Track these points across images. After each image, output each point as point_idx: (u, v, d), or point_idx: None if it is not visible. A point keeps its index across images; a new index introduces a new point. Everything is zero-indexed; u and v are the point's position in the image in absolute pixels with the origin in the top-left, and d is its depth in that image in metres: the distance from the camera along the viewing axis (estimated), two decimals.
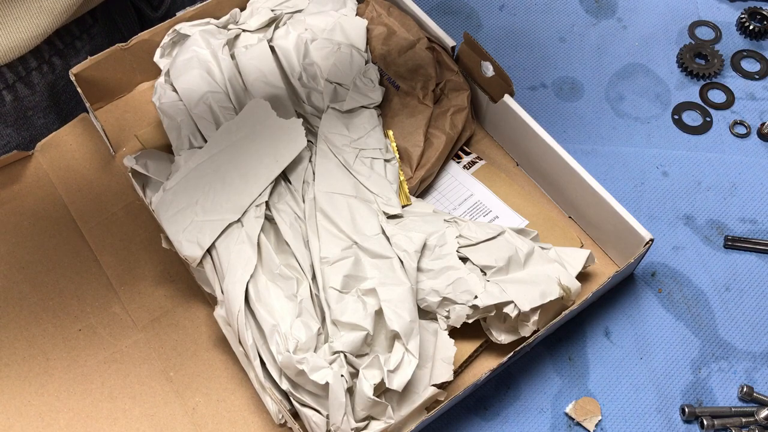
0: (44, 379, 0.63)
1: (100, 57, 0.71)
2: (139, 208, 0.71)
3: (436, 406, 0.58)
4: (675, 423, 0.64)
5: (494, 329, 0.63)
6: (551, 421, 0.64)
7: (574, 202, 0.70)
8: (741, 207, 0.75)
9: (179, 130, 0.69)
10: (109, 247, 0.69)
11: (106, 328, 0.66)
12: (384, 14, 0.77)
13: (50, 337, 0.65)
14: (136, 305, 0.67)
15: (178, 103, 0.70)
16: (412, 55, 0.74)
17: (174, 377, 0.64)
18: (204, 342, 0.65)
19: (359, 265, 0.61)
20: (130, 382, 0.64)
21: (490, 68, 0.71)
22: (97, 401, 0.63)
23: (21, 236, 0.70)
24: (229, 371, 0.64)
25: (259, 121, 0.67)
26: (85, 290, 0.67)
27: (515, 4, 0.89)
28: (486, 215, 0.70)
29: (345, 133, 0.68)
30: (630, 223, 0.64)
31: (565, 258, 0.65)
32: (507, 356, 0.60)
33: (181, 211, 0.63)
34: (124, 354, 0.65)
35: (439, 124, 0.71)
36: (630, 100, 0.82)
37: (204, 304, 0.67)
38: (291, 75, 0.72)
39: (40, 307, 0.67)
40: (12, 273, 0.68)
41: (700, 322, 0.69)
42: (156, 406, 0.63)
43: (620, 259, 0.69)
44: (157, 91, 0.72)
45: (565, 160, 0.68)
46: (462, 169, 0.73)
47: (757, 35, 0.86)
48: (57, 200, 0.72)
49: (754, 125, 0.80)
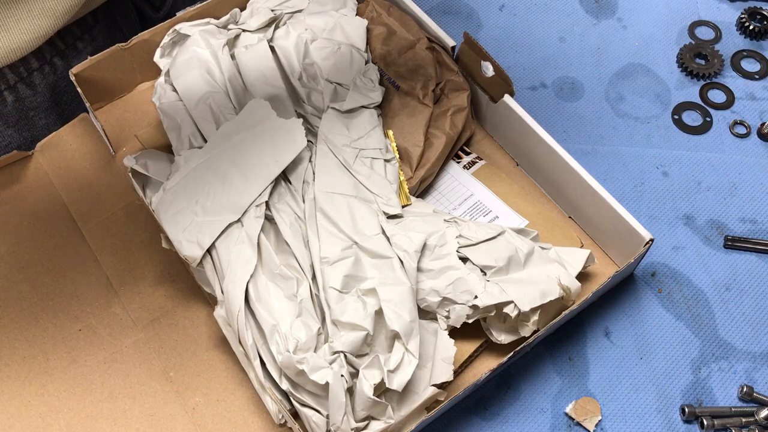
0: (44, 379, 0.63)
1: (100, 57, 0.71)
2: (139, 208, 0.71)
3: (436, 406, 0.58)
4: (675, 423, 0.64)
5: (494, 329, 0.63)
6: (551, 421, 0.64)
7: (574, 202, 0.70)
8: (741, 207, 0.75)
9: (179, 130, 0.69)
10: (109, 247, 0.69)
11: (106, 328, 0.66)
12: (384, 14, 0.77)
13: (50, 337, 0.65)
14: (136, 305, 0.67)
15: (178, 103, 0.70)
16: (412, 55, 0.74)
17: (174, 377, 0.64)
18: (204, 342, 0.65)
19: (359, 265, 0.61)
20: (130, 382, 0.64)
21: (490, 68, 0.71)
22: (97, 401, 0.63)
23: (21, 236, 0.70)
24: (229, 371, 0.64)
25: (259, 121, 0.67)
26: (85, 290, 0.67)
27: (515, 4, 0.89)
28: (486, 215, 0.70)
29: (345, 133, 0.68)
30: (630, 223, 0.64)
31: (565, 258, 0.65)
32: (507, 356, 0.60)
33: (181, 211, 0.63)
34: (124, 354, 0.65)
35: (439, 124, 0.71)
36: (630, 100, 0.82)
37: (204, 304, 0.67)
38: (291, 75, 0.72)
39: (40, 307, 0.67)
40: (12, 273, 0.68)
41: (700, 322, 0.69)
42: (156, 406, 0.63)
43: (620, 259, 0.69)
44: (157, 91, 0.72)
45: (565, 160, 0.68)
46: (462, 169, 0.73)
47: (757, 35, 0.86)
48: (57, 200, 0.72)
49: (754, 125, 0.80)
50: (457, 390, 0.60)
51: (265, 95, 0.70)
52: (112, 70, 0.74)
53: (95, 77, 0.73)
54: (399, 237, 0.62)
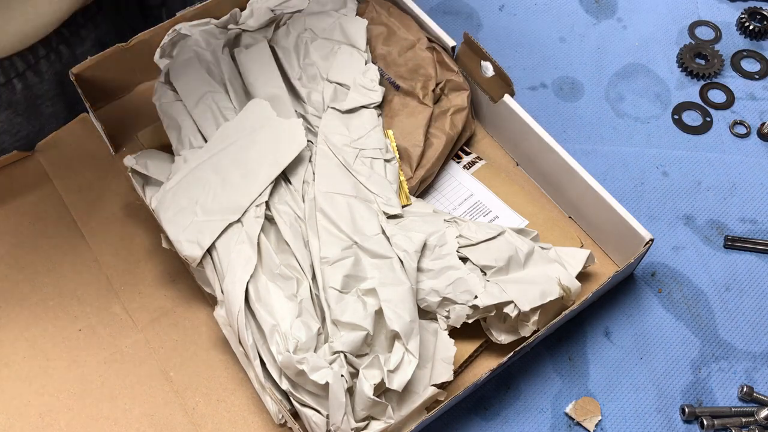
0: (44, 379, 0.63)
1: (100, 57, 0.71)
2: (139, 208, 0.71)
3: (436, 406, 0.58)
4: (675, 423, 0.64)
5: (494, 329, 0.63)
6: (551, 421, 0.64)
7: (574, 201, 0.70)
8: (741, 207, 0.75)
9: (179, 130, 0.69)
10: (109, 247, 0.69)
11: (106, 329, 0.66)
12: (384, 14, 0.77)
13: (50, 337, 0.65)
14: (136, 305, 0.67)
15: (178, 103, 0.70)
16: (412, 55, 0.74)
17: (174, 377, 0.64)
18: (204, 342, 0.65)
19: (359, 265, 0.61)
20: (130, 382, 0.64)
21: (490, 68, 0.71)
22: (97, 401, 0.63)
23: (21, 236, 0.70)
24: (228, 371, 0.64)
25: (259, 121, 0.67)
26: (85, 290, 0.67)
27: (515, 4, 0.89)
28: (486, 215, 0.70)
29: (345, 133, 0.68)
30: (630, 223, 0.64)
31: (565, 258, 0.65)
32: (507, 356, 0.60)
33: (181, 211, 0.63)
34: (124, 354, 0.65)
35: (439, 124, 0.71)
36: (630, 100, 0.82)
37: (204, 305, 0.67)
38: (291, 75, 0.72)
39: (41, 307, 0.66)
40: (12, 273, 0.68)
41: (700, 322, 0.69)
42: (156, 406, 0.63)
43: (620, 259, 0.69)
44: (158, 91, 0.72)
45: (565, 159, 0.68)
46: (462, 169, 0.73)
47: (757, 35, 0.86)
48: (57, 200, 0.72)
49: (754, 125, 0.80)
50: (457, 390, 0.60)
51: (265, 95, 0.70)
52: (112, 70, 0.74)
53: (95, 77, 0.73)
54: (399, 237, 0.62)
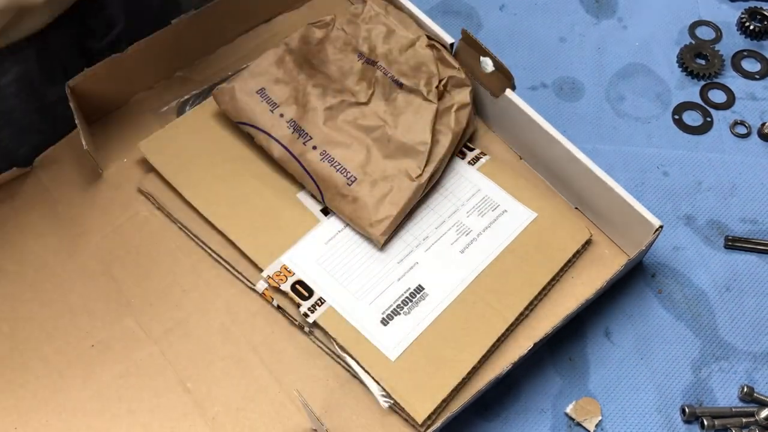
0: (61, 397, 0.62)
1: (95, 69, 0.70)
2: (145, 219, 0.70)
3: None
4: (675, 423, 0.64)
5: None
6: (552, 422, 0.64)
7: (580, 193, 0.70)
8: (741, 207, 0.75)
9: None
10: (116, 260, 0.68)
11: (119, 342, 0.64)
12: (382, 13, 0.77)
13: (63, 354, 0.64)
14: (148, 317, 0.65)
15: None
16: (413, 53, 0.74)
17: (192, 388, 0.62)
18: (219, 350, 0.64)
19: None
20: (147, 396, 0.62)
21: (489, 63, 0.71)
22: (116, 417, 0.61)
23: (26, 253, 0.68)
24: (246, 378, 0.63)
25: None
26: (94, 305, 0.66)
27: (515, 4, 0.89)
28: (494, 210, 0.70)
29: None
30: (638, 210, 0.64)
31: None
32: (511, 363, 0.60)
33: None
34: (140, 367, 0.63)
35: (444, 121, 0.71)
36: (630, 100, 0.82)
37: (216, 312, 0.66)
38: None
39: (51, 325, 0.65)
40: (20, 291, 0.66)
41: (700, 322, 0.69)
42: (175, 418, 0.61)
43: (630, 248, 0.68)
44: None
45: (570, 150, 0.67)
46: (467, 165, 0.73)
47: (757, 35, 0.86)
48: (60, 215, 0.70)
49: (754, 125, 0.80)
50: (463, 399, 0.60)
51: None
52: (107, 82, 0.72)
53: (92, 90, 0.71)
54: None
